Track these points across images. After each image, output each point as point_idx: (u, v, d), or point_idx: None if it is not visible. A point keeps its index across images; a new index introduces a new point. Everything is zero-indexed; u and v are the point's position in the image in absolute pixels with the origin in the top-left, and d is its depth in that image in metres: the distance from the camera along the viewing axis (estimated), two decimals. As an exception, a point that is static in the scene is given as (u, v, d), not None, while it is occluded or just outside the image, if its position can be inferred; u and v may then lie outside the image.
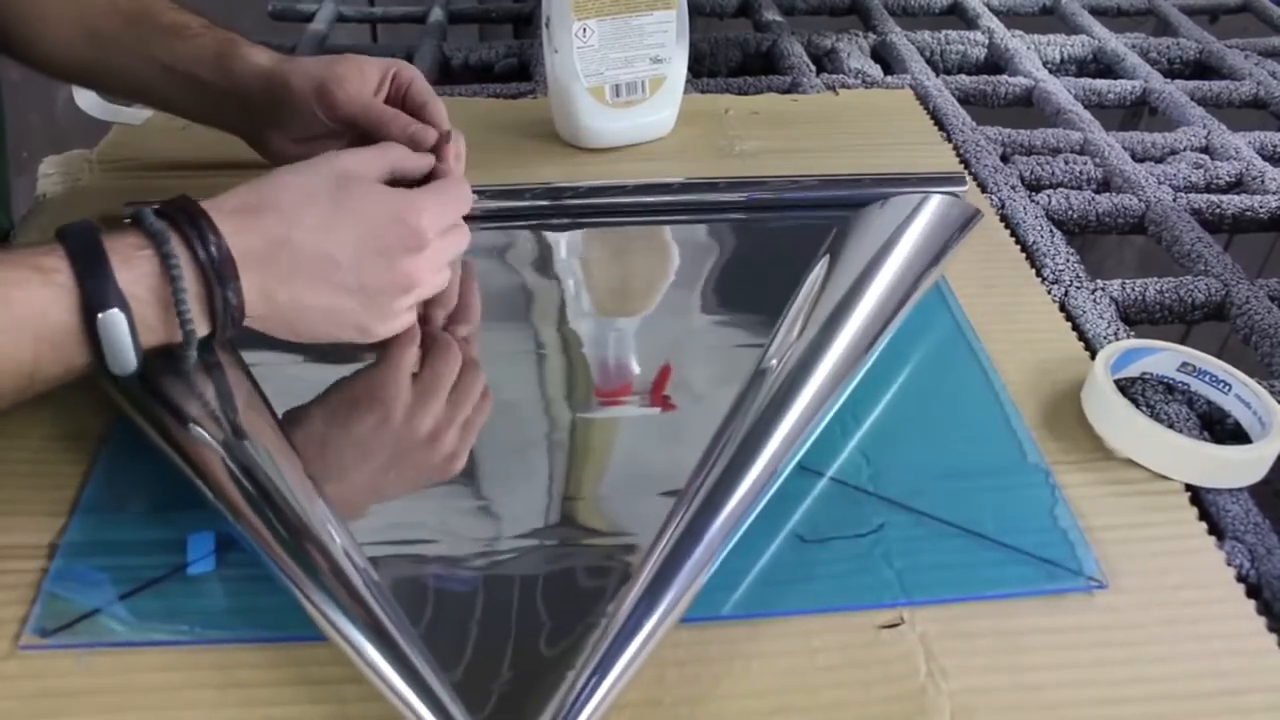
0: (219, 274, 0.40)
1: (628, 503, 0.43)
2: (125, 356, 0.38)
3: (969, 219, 0.55)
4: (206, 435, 0.41)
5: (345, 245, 0.43)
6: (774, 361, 0.45)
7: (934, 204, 0.55)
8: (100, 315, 0.37)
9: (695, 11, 0.92)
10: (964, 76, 0.82)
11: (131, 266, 0.38)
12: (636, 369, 0.50)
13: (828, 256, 0.52)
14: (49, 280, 0.37)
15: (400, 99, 0.54)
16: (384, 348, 0.47)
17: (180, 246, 0.39)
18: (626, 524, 0.41)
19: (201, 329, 0.40)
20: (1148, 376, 0.50)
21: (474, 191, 0.50)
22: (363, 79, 0.53)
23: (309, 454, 0.42)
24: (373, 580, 0.36)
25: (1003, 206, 0.64)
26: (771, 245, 0.60)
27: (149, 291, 0.39)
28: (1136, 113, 0.90)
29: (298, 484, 0.39)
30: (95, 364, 0.39)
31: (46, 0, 0.56)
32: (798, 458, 0.42)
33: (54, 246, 0.38)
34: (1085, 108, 0.77)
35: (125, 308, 0.38)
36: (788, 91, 0.78)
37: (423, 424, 0.45)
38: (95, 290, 0.37)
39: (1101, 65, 0.88)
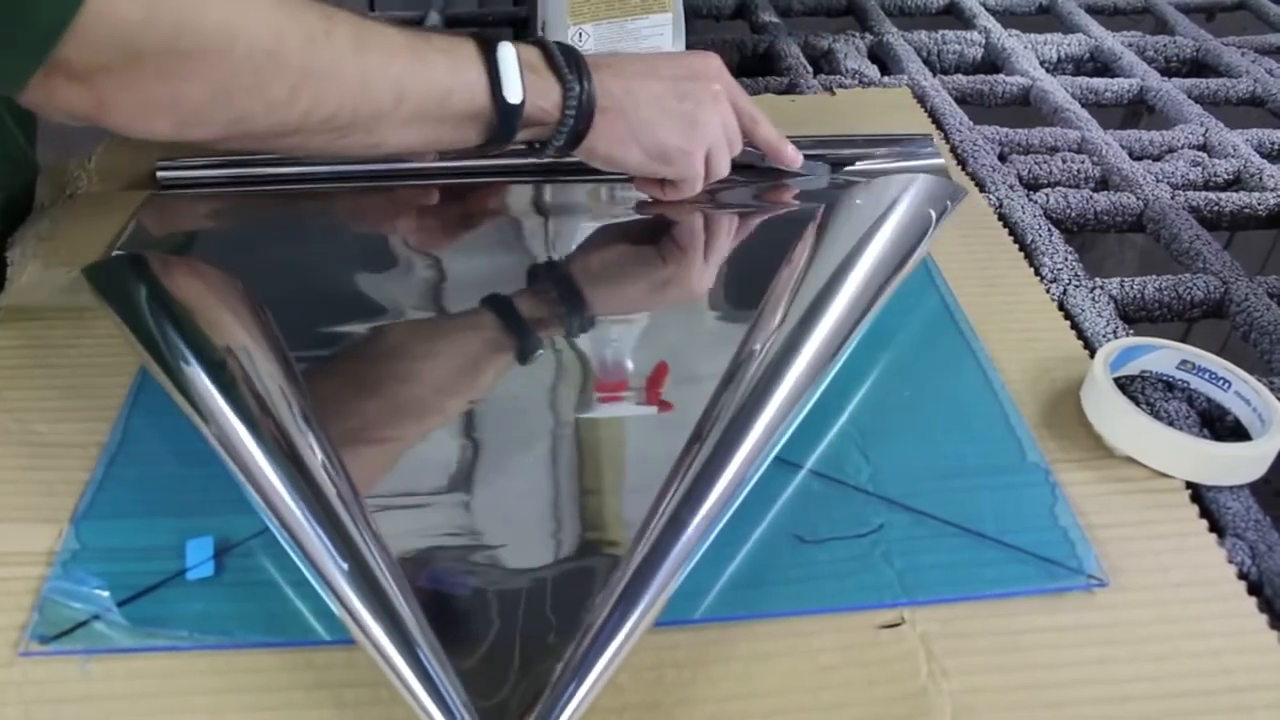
0: (579, 70, 0.51)
1: (621, 500, 0.43)
2: (514, 84, 0.49)
3: (952, 196, 0.55)
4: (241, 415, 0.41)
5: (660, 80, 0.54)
6: (756, 348, 0.45)
7: (918, 184, 0.55)
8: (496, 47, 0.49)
9: (692, 13, 0.93)
10: (961, 76, 0.82)
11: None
12: (631, 365, 0.50)
13: (812, 239, 0.52)
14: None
15: None
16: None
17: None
18: (616, 521, 0.41)
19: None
20: (1147, 374, 0.50)
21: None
22: None
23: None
24: (399, 574, 0.36)
25: (1001, 205, 0.64)
26: (759, 231, 0.60)
27: (536, 57, 0.51)
28: (1134, 111, 0.90)
29: (328, 466, 0.40)
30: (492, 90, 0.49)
31: None
32: (780, 445, 0.42)
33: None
34: (1083, 106, 0.77)
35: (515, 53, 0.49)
36: (785, 92, 0.78)
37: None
38: (492, 40, 0.50)
39: (1098, 64, 0.88)
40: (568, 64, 0.51)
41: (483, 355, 0.51)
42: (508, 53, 0.49)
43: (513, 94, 0.49)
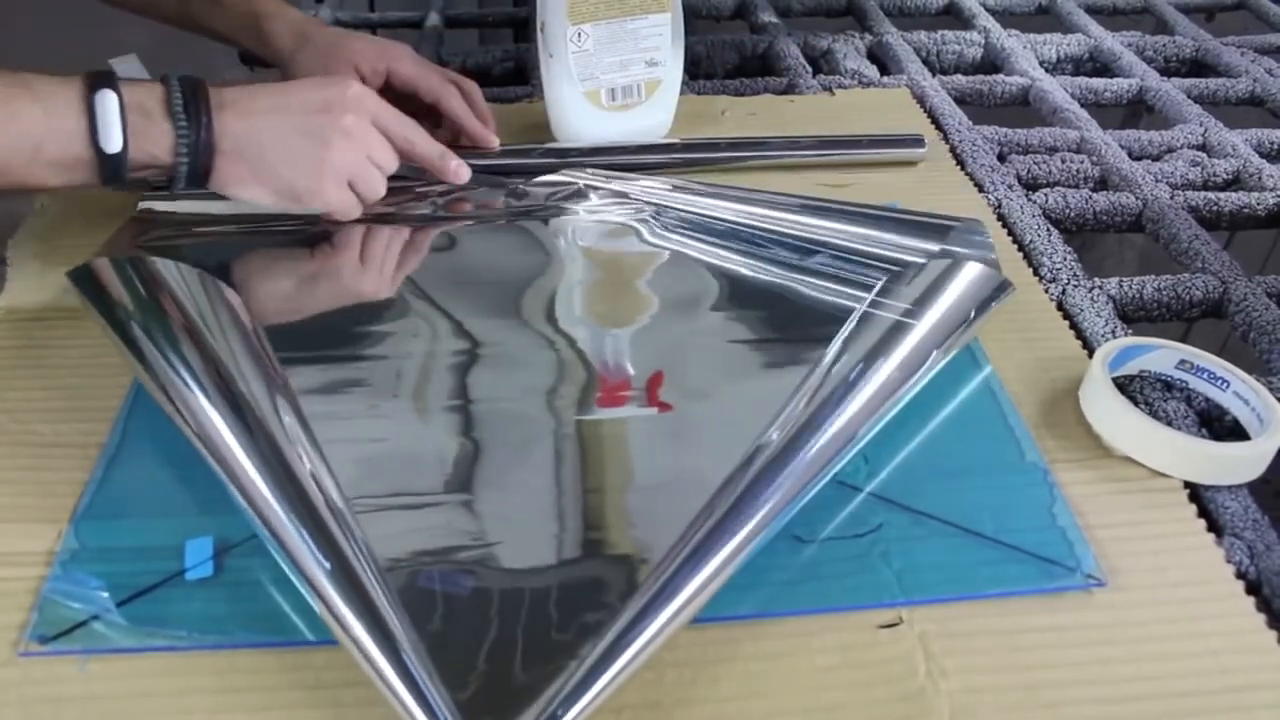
0: (197, 113, 0.50)
1: (623, 504, 0.43)
2: (113, 132, 0.48)
3: (998, 291, 0.52)
4: (226, 419, 0.42)
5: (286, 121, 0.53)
6: (774, 436, 0.43)
7: (965, 275, 0.52)
8: (96, 93, 0.48)
9: (692, 14, 0.93)
10: (960, 76, 0.82)
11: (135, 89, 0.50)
12: (631, 373, 0.50)
13: (850, 326, 0.50)
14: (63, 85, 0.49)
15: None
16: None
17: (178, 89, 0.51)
18: (620, 525, 0.41)
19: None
20: (1146, 374, 0.50)
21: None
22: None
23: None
24: (381, 576, 0.37)
25: (1000, 205, 0.64)
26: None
27: (154, 100, 0.50)
28: (1133, 111, 0.90)
29: (316, 471, 0.41)
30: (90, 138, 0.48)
31: None
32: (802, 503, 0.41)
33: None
34: (1082, 106, 0.77)
35: (119, 94, 0.48)
36: (784, 93, 0.78)
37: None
38: (98, 84, 0.48)
39: (1098, 64, 0.88)
40: (186, 106, 0.50)
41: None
42: (107, 100, 0.48)
43: (110, 144, 0.48)
